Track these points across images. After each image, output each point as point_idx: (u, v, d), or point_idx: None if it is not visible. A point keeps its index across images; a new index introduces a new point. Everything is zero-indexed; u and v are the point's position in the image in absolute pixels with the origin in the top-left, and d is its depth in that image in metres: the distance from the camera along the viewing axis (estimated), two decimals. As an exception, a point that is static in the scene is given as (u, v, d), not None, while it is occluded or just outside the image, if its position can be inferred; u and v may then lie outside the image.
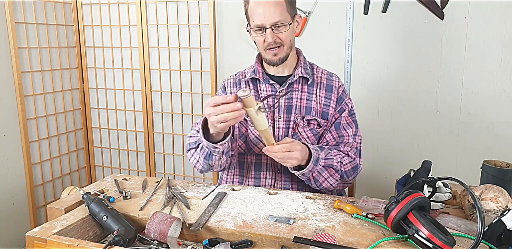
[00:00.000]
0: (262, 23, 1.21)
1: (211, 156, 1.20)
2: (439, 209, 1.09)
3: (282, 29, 1.23)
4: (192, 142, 1.26)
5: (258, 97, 1.35)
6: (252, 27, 1.24)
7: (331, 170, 1.25)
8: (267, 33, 1.22)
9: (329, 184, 1.25)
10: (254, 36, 1.26)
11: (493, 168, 1.22)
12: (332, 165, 1.24)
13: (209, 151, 1.18)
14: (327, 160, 1.23)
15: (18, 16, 2.17)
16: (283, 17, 1.21)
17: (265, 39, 1.23)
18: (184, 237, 1.04)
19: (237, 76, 1.41)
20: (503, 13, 1.81)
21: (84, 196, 1.09)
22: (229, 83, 1.40)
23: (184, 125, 2.48)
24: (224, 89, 1.41)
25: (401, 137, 2.08)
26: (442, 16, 1.89)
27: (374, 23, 2.01)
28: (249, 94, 0.98)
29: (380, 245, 0.92)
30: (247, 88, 1.04)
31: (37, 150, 2.34)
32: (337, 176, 1.26)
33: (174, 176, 2.56)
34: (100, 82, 2.61)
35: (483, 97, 1.92)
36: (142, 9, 2.38)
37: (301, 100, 1.32)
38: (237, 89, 1.37)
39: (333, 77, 1.37)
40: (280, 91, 1.32)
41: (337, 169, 1.25)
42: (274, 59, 1.27)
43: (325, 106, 1.32)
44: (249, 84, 1.36)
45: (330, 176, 1.24)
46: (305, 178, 1.23)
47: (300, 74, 1.31)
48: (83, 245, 0.91)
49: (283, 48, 1.26)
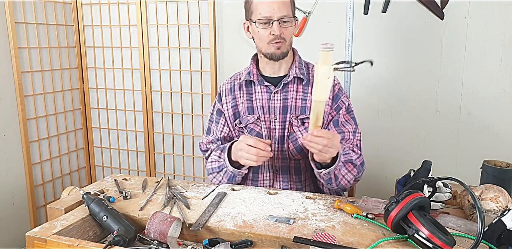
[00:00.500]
0: (270, 15, 1.21)
1: (235, 178, 1.29)
2: (439, 209, 1.09)
3: (288, 24, 1.24)
4: (215, 167, 1.33)
5: (251, 100, 1.36)
6: (258, 19, 1.23)
7: (350, 165, 1.23)
8: (274, 25, 1.22)
9: (347, 181, 1.23)
10: (258, 29, 1.25)
11: (493, 168, 1.22)
12: (351, 160, 1.23)
13: (233, 174, 1.28)
14: (345, 155, 1.21)
15: (18, 16, 2.17)
16: (289, 12, 1.23)
17: (271, 32, 1.23)
18: (184, 237, 1.04)
19: (232, 79, 1.41)
20: (503, 13, 1.81)
21: (84, 196, 1.09)
22: (225, 90, 1.40)
23: (184, 125, 2.48)
24: (220, 99, 1.40)
25: (401, 137, 2.08)
26: (442, 16, 1.89)
27: (374, 23, 2.01)
28: (333, 48, 0.98)
29: (380, 245, 0.92)
30: (332, 43, 1.02)
31: (37, 150, 2.34)
32: (355, 171, 1.24)
33: (174, 176, 2.56)
34: (100, 82, 2.61)
35: (483, 97, 1.92)
36: (142, 9, 2.38)
37: (296, 100, 1.32)
38: (232, 96, 1.38)
39: None
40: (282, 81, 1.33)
41: (355, 164, 1.24)
42: (277, 52, 1.27)
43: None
44: (243, 87, 1.36)
45: (348, 172, 1.22)
46: (327, 178, 1.20)
47: (294, 75, 1.31)
48: (83, 245, 0.91)
49: (285, 43, 1.26)
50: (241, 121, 1.36)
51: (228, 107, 1.38)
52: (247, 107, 1.35)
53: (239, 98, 1.37)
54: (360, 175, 1.29)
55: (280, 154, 1.34)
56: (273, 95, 1.32)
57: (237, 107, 1.37)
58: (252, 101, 1.35)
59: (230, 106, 1.37)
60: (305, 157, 1.34)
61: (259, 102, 1.34)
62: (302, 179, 1.36)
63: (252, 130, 1.34)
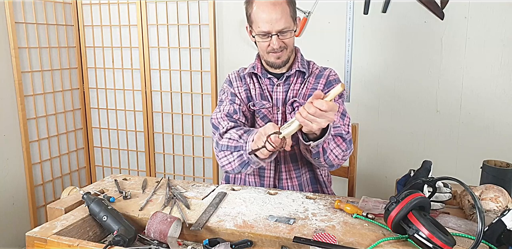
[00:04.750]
0: (268, 30, 1.22)
1: (248, 166, 1.19)
2: (439, 209, 1.09)
3: (287, 35, 1.25)
4: (231, 146, 1.21)
5: (262, 89, 1.36)
6: (257, 33, 1.25)
7: (339, 139, 1.20)
8: (273, 39, 1.23)
9: (334, 156, 1.19)
10: (259, 41, 1.27)
11: (493, 168, 1.22)
12: (341, 133, 1.21)
13: (249, 162, 1.17)
14: (335, 129, 1.21)
15: (18, 16, 2.17)
16: (288, 24, 1.23)
17: (270, 44, 1.24)
18: (184, 237, 1.04)
19: (239, 71, 1.44)
20: (503, 13, 1.81)
21: (84, 196, 1.09)
22: (234, 77, 1.42)
23: (184, 125, 2.48)
24: (231, 83, 1.41)
25: (401, 137, 2.08)
26: (442, 16, 1.89)
27: (374, 23, 2.01)
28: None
29: (380, 245, 0.92)
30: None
31: (37, 150, 2.34)
32: (344, 146, 1.21)
33: (174, 176, 2.56)
34: (100, 82, 2.61)
35: (483, 97, 1.92)
36: (142, 9, 2.38)
37: (294, 91, 1.35)
38: (242, 82, 1.39)
39: (326, 69, 1.39)
40: (278, 84, 1.34)
41: (345, 138, 1.22)
42: (277, 62, 1.30)
43: (312, 90, 1.33)
44: (252, 77, 1.39)
45: (337, 146, 1.20)
46: (315, 151, 1.15)
47: (297, 68, 1.34)
48: (83, 245, 0.91)
49: (286, 51, 1.28)
50: (254, 104, 1.36)
51: (241, 90, 1.38)
52: (259, 93, 1.37)
53: (250, 84, 1.39)
54: (348, 153, 1.25)
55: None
56: (276, 87, 1.35)
57: (249, 91, 1.38)
58: (262, 90, 1.38)
59: (242, 90, 1.38)
60: (298, 143, 1.30)
61: (267, 93, 1.37)
62: (299, 166, 1.38)
63: (265, 116, 1.36)
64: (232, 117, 1.32)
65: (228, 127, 1.27)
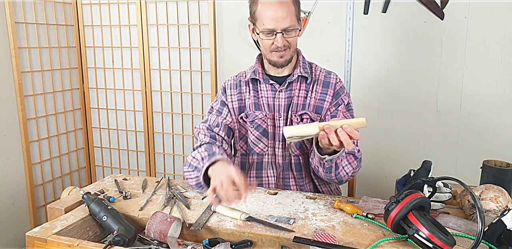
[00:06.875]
0: (274, 28, 1.21)
1: (203, 188, 1.18)
2: (439, 209, 1.09)
3: (292, 34, 1.24)
4: (193, 165, 1.22)
5: (257, 97, 1.35)
6: (262, 31, 1.24)
7: (351, 157, 1.23)
8: (278, 37, 1.22)
9: (345, 173, 1.23)
10: (263, 39, 1.26)
11: (493, 168, 1.22)
12: (354, 152, 1.23)
13: (201, 185, 1.15)
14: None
15: (18, 16, 2.17)
16: (293, 23, 1.22)
17: (274, 42, 1.24)
18: (184, 237, 1.04)
19: (237, 77, 1.42)
20: (503, 13, 1.81)
21: (84, 196, 1.09)
22: (230, 85, 1.41)
23: (184, 125, 2.48)
24: (224, 91, 1.41)
25: (401, 137, 2.08)
26: (442, 16, 1.89)
27: (374, 23, 2.01)
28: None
29: (380, 245, 0.92)
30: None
31: (37, 150, 2.34)
32: (355, 164, 1.24)
33: (174, 176, 2.56)
34: (100, 82, 2.61)
35: (483, 97, 1.92)
36: (142, 9, 2.38)
37: (299, 98, 1.34)
38: (237, 90, 1.38)
39: (331, 74, 1.38)
40: (280, 90, 1.33)
41: (357, 157, 1.25)
42: (280, 61, 1.28)
43: (320, 101, 1.33)
44: (249, 84, 1.37)
45: (348, 164, 1.22)
46: (328, 165, 1.18)
47: (299, 73, 1.32)
48: (83, 245, 0.91)
49: (289, 50, 1.27)
50: (247, 115, 1.36)
51: (233, 99, 1.38)
52: (254, 103, 1.36)
53: (245, 93, 1.38)
54: (357, 170, 1.28)
55: (283, 151, 1.35)
56: (278, 93, 1.34)
57: (242, 101, 1.37)
58: (258, 98, 1.36)
59: (235, 99, 1.38)
60: (303, 154, 1.35)
61: (265, 100, 1.35)
62: (303, 176, 1.37)
63: (259, 126, 1.35)
64: (212, 130, 1.33)
65: (202, 143, 1.29)
